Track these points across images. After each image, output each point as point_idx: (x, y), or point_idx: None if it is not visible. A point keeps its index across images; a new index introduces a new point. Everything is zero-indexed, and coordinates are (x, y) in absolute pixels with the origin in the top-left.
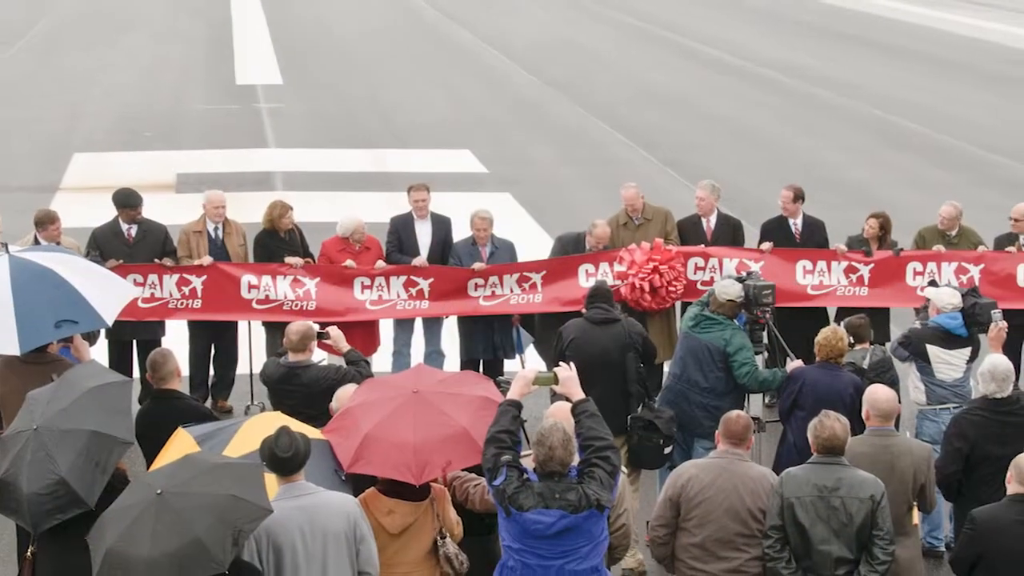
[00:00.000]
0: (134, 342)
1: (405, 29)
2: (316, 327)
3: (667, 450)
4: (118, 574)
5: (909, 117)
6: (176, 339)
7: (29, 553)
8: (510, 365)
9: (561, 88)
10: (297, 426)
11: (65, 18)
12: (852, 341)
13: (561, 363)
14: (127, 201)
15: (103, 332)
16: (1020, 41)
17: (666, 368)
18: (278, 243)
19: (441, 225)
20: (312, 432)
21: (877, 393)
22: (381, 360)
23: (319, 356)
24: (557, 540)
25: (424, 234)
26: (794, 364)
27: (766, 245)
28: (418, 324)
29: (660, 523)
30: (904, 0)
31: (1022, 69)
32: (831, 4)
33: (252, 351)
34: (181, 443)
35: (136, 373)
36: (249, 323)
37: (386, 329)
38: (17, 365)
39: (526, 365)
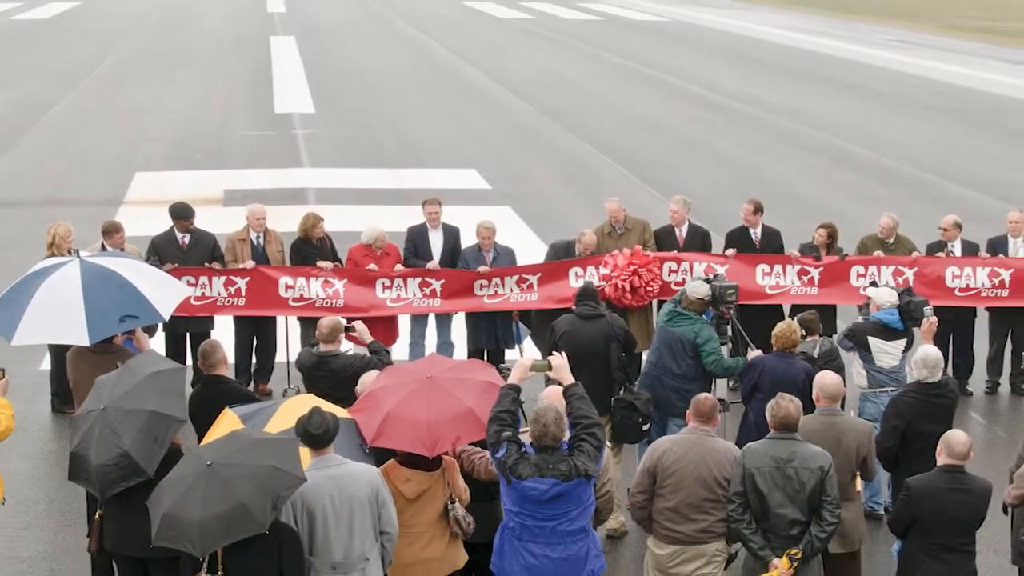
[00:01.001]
0: (187, 334)
1: (420, 67)
2: (344, 321)
3: (645, 427)
4: (173, 534)
5: (853, 141)
6: (223, 332)
7: (97, 516)
8: (510, 354)
9: (554, 117)
10: (327, 407)
11: (127, 56)
12: (804, 333)
13: (554, 352)
14: (181, 213)
15: (160, 326)
16: (945, 75)
17: (644, 357)
18: (311, 249)
19: (451, 234)
20: (340, 412)
21: (825, 378)
22: (400, 350)
23: (346, 346)
24: (551, 504)
25: (436, 241)
26: (754, 353)
27: (730, 251)
28: (431, 319)
29: (639, 490)
30: (848, 41)
31: (947, 100)
32: (786, 45)
33: (288, 342)
34: (228, 421)
35: (189, 361)
36: (286, 318)
37: (404, 323)
38: (87, 354)
39: (524, 354)
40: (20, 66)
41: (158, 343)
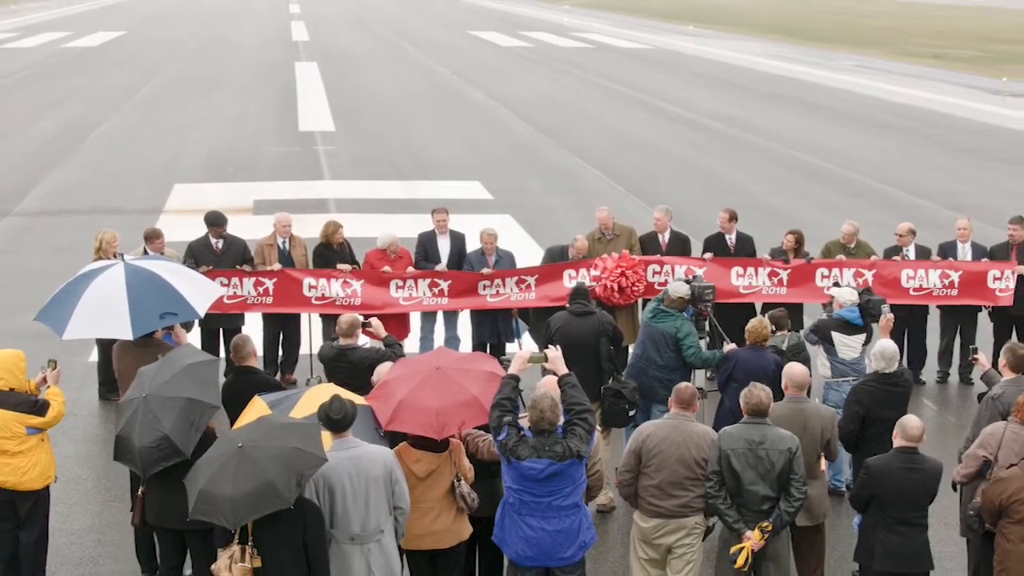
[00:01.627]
0: (220, 329)
1: (430, 89)
2: (361, 318)
3: (631, 413)
4: (208, 508)
5: (818, 156)
6: (253, 327)
7: (140, 492)
8: (510, 347)
9: (550, 135)
10: (346, 394)
11: (167, 80)
12: (774, 329)
13: (550, 346)
14: (215, 221)
15: (197, 322)
16: (900, 97)
17: (630, 350)
18: (332, 253)
19: (457, 239)
20: (358, 399)
21: (793, 369)
22: (411, 344)
23: (363, 340)
24: (546, 482)
25: (444, 246)
26: (729, 347)
27: (708, 255)
28: (440, 316)
29: (626, 469)
30: (814, 67)
31: (901, 119)
32: (758, 70)
33: (311, 336)
34: (257, 407)
35: (222, 353)
36: (309, 315)
37: (415, 320)
38: (130, 347)
39: (523, 347)
40: (70, 89)
41: (194, 337)
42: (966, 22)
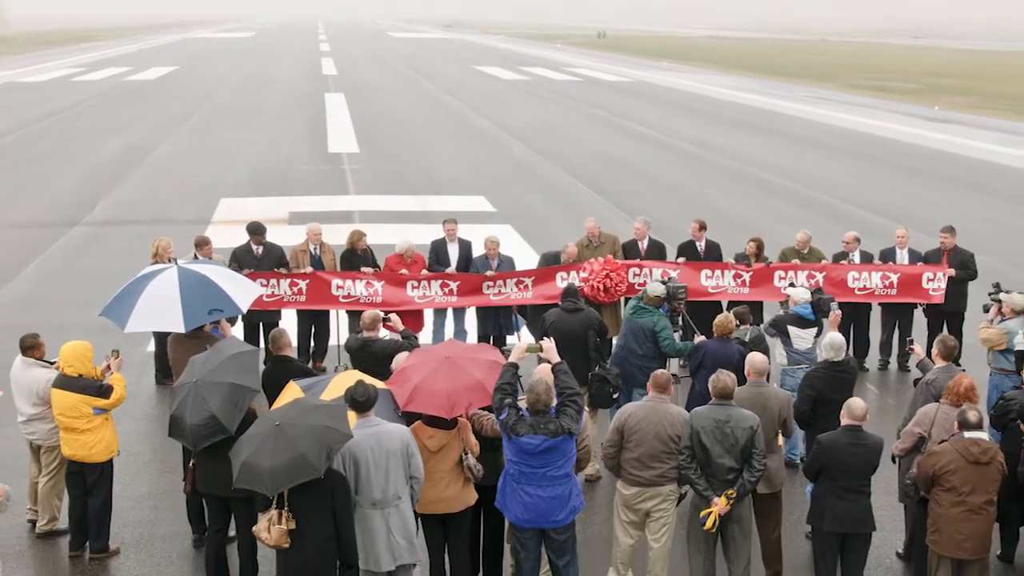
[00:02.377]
0: (260, 324)
1: (441, 117)
2: (382, 314)
3: (615, 396)
4: (250, 478)
5: (776, 174)
6: (288, 322)
7: (191, 464)
8: (510, 339)
9: (546, 156)
10: (369, 380)
11: (214, 109)
12: (738, 323)
13: (544, 338)
14: (256, 230)
15: (240, 317)
16: (847, 123)
17: (614, 341)
18: (356, 258)
19: (465, 246)
20: (379, 384)
21: (755, 358)
22: (425, 336)
23: (384, 333)
24: (542, 456)
25: (453, 252)
26: (699, 339)
27: (681, 259)
28: (449, 312)
29: (610, 444)
30: (773, 97)
31: (848, 142)
32: (724, 100)
33: (339, 330)
34: (292, 391)
35: (262, 344)
36: (337, 311)
37: (428, 315)
38: (183, 339)
39: (521, 339)
40: (131, 117)
41: (238, 331)
42: (908, 60)
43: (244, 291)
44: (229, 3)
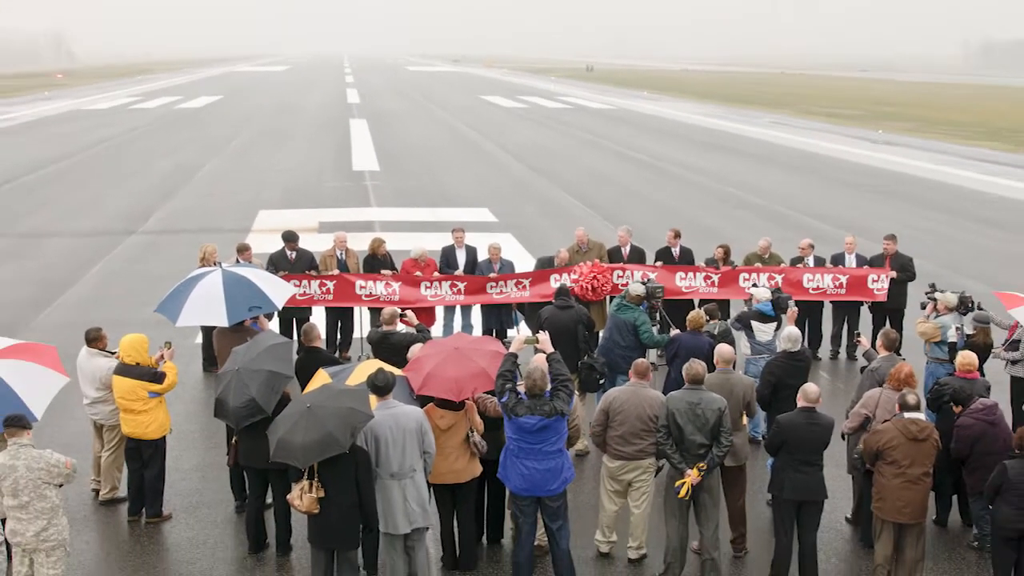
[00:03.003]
0: (294, 319)
1: (450, 139)
2: (399, 311)
3: (601, 381)
4: (284, 453)
5: (741, 189)
6: (318, 317)
7: (233, 440)
8: (511, 333)
9: (541, 173)
10: (388, 368)
11: (254, 133)
12: (708, 318)
13: (540, 331)
14: (290, 237)
15: (276, 313)
16: (804, 145)
17: (601, 334)
18: (377, 263)
19: (471, 251)
20: (396, 371)
21: (722, 349)
22: (436, 330)
23: (401, 327)
24: (538, 433)
25: (461, 257)
26: (675, 332)
27: (658, 263)
28: (458, 309)
29: (597, 423)
30: (738, 122)
31: (805, 162)
32: (696, 125)
33: (362, 324)
34: (321, 378)
35: (295, 337)
36: (360, 308)
37: (439, 312)
38: (226, 332)
39: (520, 332)
40: (181, 140)
41: (274, 325)
42: (856, 91)
43: (279, 290)
44: (266, 40)
